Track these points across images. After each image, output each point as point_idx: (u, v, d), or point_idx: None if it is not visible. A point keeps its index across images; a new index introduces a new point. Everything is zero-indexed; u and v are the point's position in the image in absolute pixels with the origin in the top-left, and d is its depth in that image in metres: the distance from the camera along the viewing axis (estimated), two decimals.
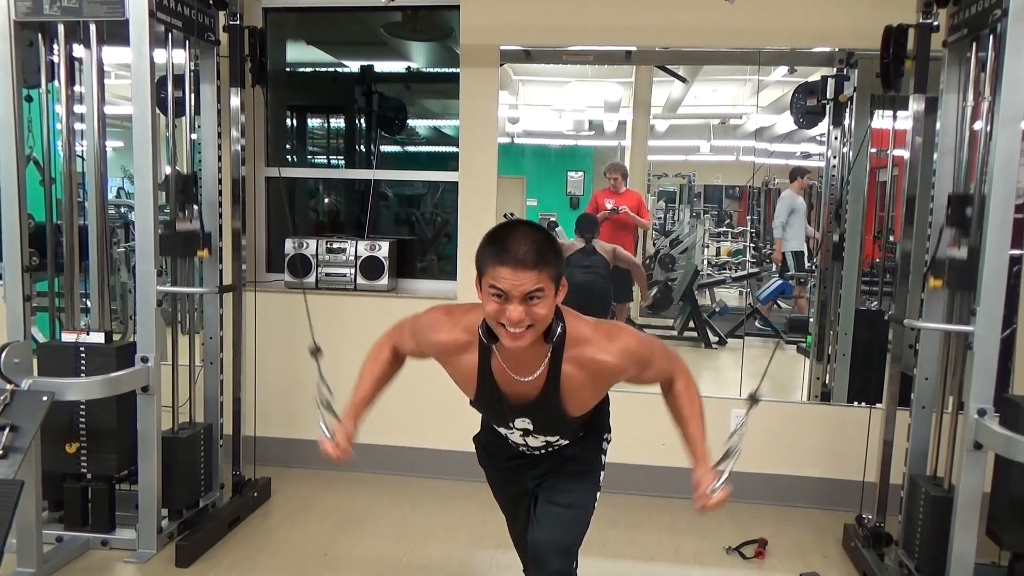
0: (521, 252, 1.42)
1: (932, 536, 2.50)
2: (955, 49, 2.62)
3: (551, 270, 1.45)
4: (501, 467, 1.96)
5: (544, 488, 1.85)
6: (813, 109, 3.53)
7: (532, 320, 1.46)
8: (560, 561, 1.75)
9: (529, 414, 1.69)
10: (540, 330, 1.50)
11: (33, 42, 2.80)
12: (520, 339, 1.47)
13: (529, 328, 1.47)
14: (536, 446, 1.83)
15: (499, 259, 1.44)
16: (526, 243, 1.44)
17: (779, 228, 4.05)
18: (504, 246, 1.44)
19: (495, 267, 1.44)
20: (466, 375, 1.67)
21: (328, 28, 4.11)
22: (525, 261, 1.42)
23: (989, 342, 2.24)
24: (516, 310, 1.44)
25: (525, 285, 1.43)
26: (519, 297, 1.43)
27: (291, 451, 3.69)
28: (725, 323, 4.32)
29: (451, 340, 1.65)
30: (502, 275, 1.43)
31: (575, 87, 3.99)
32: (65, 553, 2.71)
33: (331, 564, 2.80)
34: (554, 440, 1.80)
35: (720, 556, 2.94)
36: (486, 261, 1.47)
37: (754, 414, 3.50)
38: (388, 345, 1.86)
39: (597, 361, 1.57)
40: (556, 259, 1.47)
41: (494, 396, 1.67)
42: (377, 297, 3.67)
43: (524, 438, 1.80)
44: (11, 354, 2.38)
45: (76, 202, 2.88)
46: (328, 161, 4.60)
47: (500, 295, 1.45)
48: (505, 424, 1.77)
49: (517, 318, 1.44)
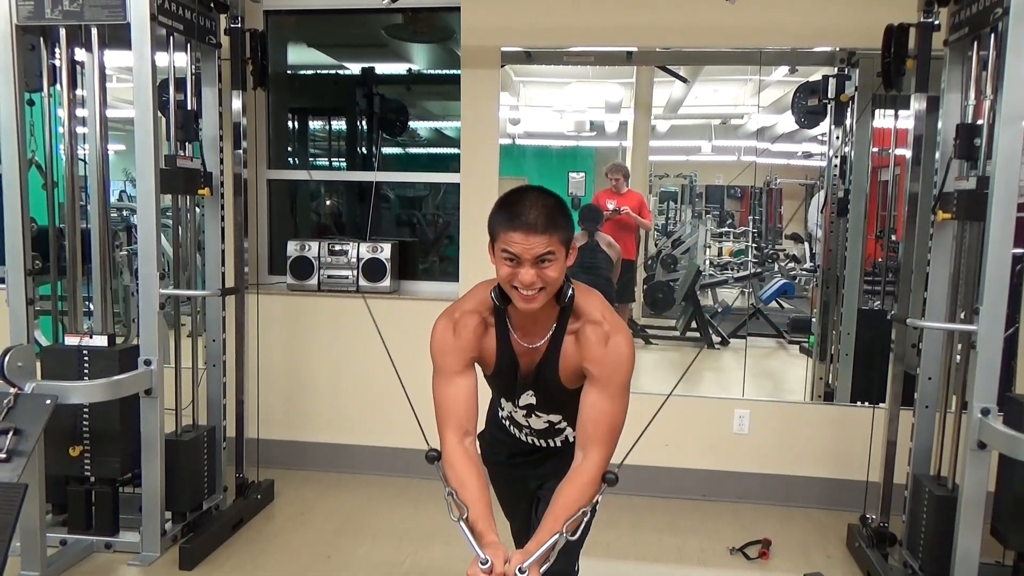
0: (532, 217, 1.47)
1: (936, 536, 2.50)
2: (956, 48, 2.62)
3: (561, 234, 1.50)
4: (504, 464, 1.96)
5: (546, 490, 1.85)
6: (814, 109, 3.53)
7: (544, 282, 1.51)
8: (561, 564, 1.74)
9: (533, 385, 1.72)
10: (551, 292, 1.55)
11: (35, 46, 2.81)
12: (532, 301, 1.53)
13: (541, 291, 1.52)
14: (539, 429, 1.83)
15: (511, 224, 1.48)
16: (537, 208, 1.48)
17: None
18: (515, 211, 1.49)
19: (507, 232, 1.49)
20: (489, 353, 1.70)
21: (329, 30, 4.11)
22: (536, 226, 1.47)
23: (992, 341, 2.24)
24: (528, 273, 1.49)
25: (536, 248, 1.47)
26: (531, 260, 1.48)
27: (294, 453, 3.70)
28: (727, 323, 4.32)
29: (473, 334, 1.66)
30: (514, 239, 1.48)
31: (576, 88, 3.99)
32: (69, 556, 2.71)
33: (334, 566, 2.80)
34: (556, 421, 1.80)
35: (724, 556, 2.93)
36: (498, 226, 1.51)
37: (755, 414, 3.52)
38: (449, 438, 1.63)
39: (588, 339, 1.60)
40: (566, 223, 1.52)
41: (511, 363, 1.70)
42: (380, 298, 3.67)
43: (527, 419, 1.80)
44: (14, 358, 2.39)
45: (78, 205, 2.89)
46: (330, 163, 4.61)
47: (512, 259, 1.50)
48: (514, 399, 1.79)
49: (529, 280, 1.49)
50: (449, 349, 1.66)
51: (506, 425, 1.89)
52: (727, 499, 3.45)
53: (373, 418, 3.67)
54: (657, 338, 4.36)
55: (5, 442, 2.26)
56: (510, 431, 1.89)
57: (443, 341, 1.66)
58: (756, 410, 3.46)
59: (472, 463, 1.61)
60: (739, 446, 3.45)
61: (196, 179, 2.95)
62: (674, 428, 3.48)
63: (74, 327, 2.90)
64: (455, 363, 1.65)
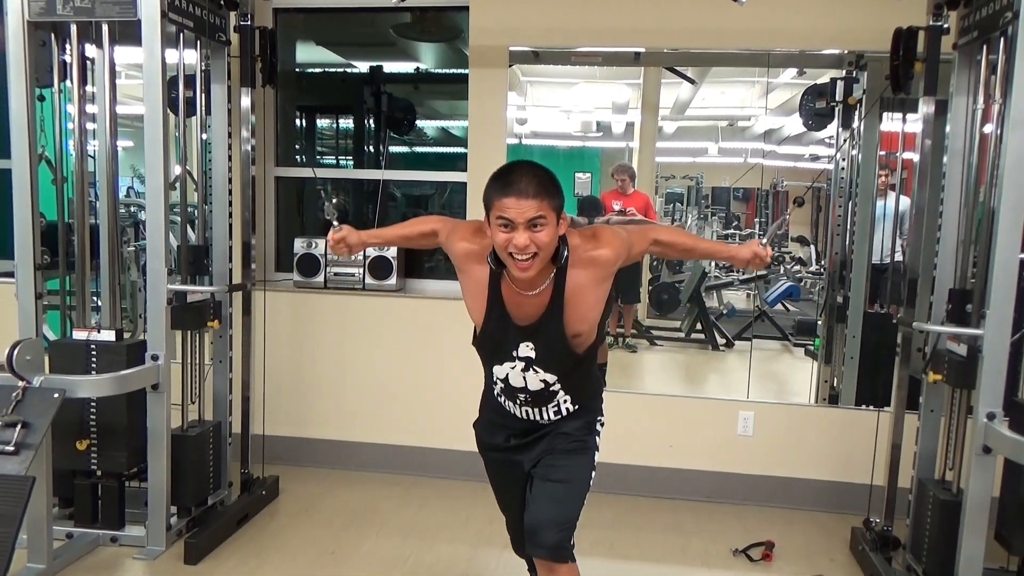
0: (523, 184, 1.60)
1: (940, 540, 2.49)
2: (965, 52, 2.61)
3: (552, 200, 1.62)
4: (499, 448, 1.98)
5: (539, 467, 1.89)
6: (822, 111, 3.53)
7: (537, 246, 1.61)
8: (556, 533, 1.76)
9: (532, 336, 1.77)
10: (545, 258, 1.65)
11: (46, 42, 2.82)
12: (527, 268, 1.64)
13: (535, 256, 1.62)
14: (534, 391, 1.84)
15: (504, 191, 1.61)
16: (527, 176, 1.62)
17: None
18: (508, 179, 1.62)
19: (500, 199, 1.61)
20: (477, 288, 1.78)
21: (337, 29, 4.12)
22: (527, 191, 1.59)
23: (998, 346, 2.23)
24: (522, 236, 1.60)
25: (528, 212, 1.59)
26: (524, 224, 1.60)
27: (299, 450, 3.71)
28: (732, 325, 4.32)
29: (471, 250, 1.78)
30: (507, 205, 1.60)
31: (583, 88, 4.00)
32: (75, 549, 2.73)
33: (338, 562, 2.81)
34: (551, 381, 1.82)
35: (727, 558, 2.94)
36: (492, 195, 1.64)
37: (760, 416, 3.51)
38: (433, 224, 1.95)
39: (594, 257, 1.73)
40: (556, 191, 1.64)
41: (501, 317, 1.77)
42: (385, 297, 3.68)
43: (524, 374, 1.82)
44: (23, 351, 2.40)
45: (87, 201, 2.90)
46: (337, 161, 4.62)
47: (506, 224, 1.61)
48: (508, 356, 1.81)
49: (523, 243, 1.60)
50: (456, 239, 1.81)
51: (502, 401, 1.92)
52: (731, 501, 3.45)
53: (378, 415, 3.68)
54: (662, 339, 4.36)
55: (13, 435, 2.27)
56: (505, 407, 1.91)
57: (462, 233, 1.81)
58: (761, 412, 3.46)
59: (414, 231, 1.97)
60: (743, 448, 3.45)
61: (205, 312, 2.99)
62: (679, 430, 3.48)
63: (82, 322, 2.92)
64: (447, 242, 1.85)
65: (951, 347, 2.55)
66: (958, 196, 2.63)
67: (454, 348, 3.16)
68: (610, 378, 3.87)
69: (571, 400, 1.87)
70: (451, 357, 3.50)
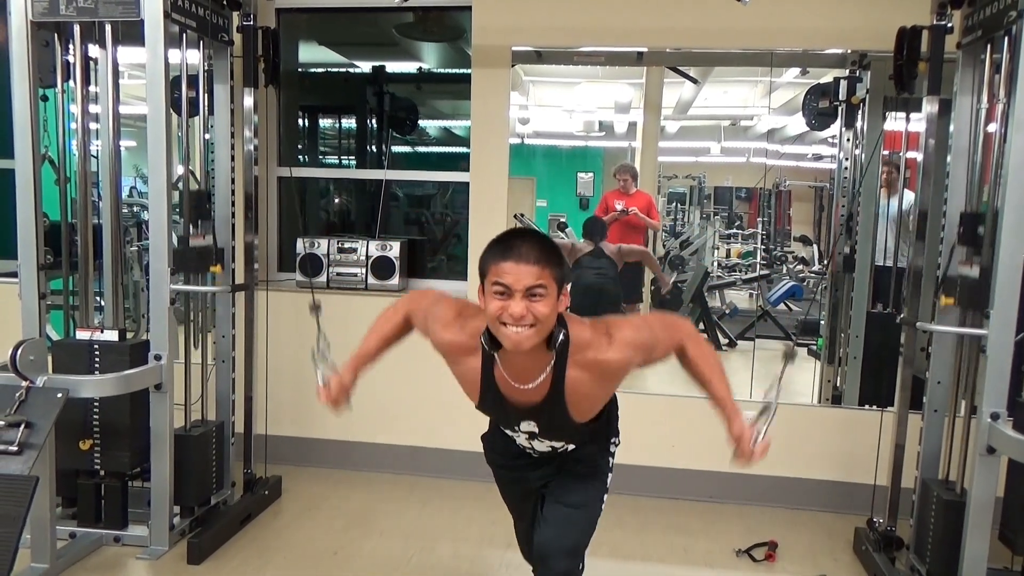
0: (524, 249, 1.48)
1: (944, 541, 2.49)
2: (969, 51, 2.60)
3: (553, 270, 1.49)
4: (508, 465, 1.96)
5: (551, 488, 1.86)
6: (825, 111, 3.52)
7: (534, 318, 1.47)
8: (566, 562, 1.75)
9: (534, 417, 1.70)
10: (542, 332, 1.51)
11: (49, 42, 2.83)
12: (522, 339, 1.48)
13: (532, 328, 1.48)
14: (542, 450, 1.83)
15: (503, 256, 1.48)
16: (529, 242, 1.49)
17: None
18: (508, 244, 1.50)
19: (498, 263, 1.48)
20: (470, 379, 1.68)
21: (340, 29, 4.12)
22: (528, 257, 1.47)
23: (1003, 345, 2.23)
24: (518, 305, 1.46)
25: (527, 279, 1.46)
26: (521, 292, 1.46)
27: (302, 450, 3.71)
28: (735, 325, 4.31)
29: (455, 342, 1.66)
30: (505, 270, 1.47)
31: (586, 88, 4.00)
32: (78, 549, 2.73)
33: (341, 563, 2.81)
34: (560, 446, 1.81)
35: (730, 558, 2.93)
36: (490, 261, 1.51)
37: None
38: (403, 311, 1.86)
39: (602, 361, 1.58)
40: (558, 261, 1.51)
41: (497, 401, 1.68)
42: (388, 296, 3.68)
43: (530, 441, 1.80)
44: (26, 351, 2.40)
45: (90, 201, 2.91)
46: (339, 161, 4.62)
47: (503, 291, 1.47)
48: (511, 427, 1.79)
49: (519, 313, 1.46)
50: (435, 331, 1.69)
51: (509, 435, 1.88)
52: (734, 501, 3.44)
53: (381, 416, 3.67)
54: None
55: (16, 435, 2.28)
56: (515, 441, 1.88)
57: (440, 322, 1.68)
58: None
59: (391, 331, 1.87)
60: None
61: (208, 256, 2.99)
62: (681, 429, 3.48)
63: (85, 321, 2.92)
64: (426, 333, 1.73)
65: (963, 271, 2.52)
66: (962, 196, 2.63)
67: None
68: None
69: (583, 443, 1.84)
70: None
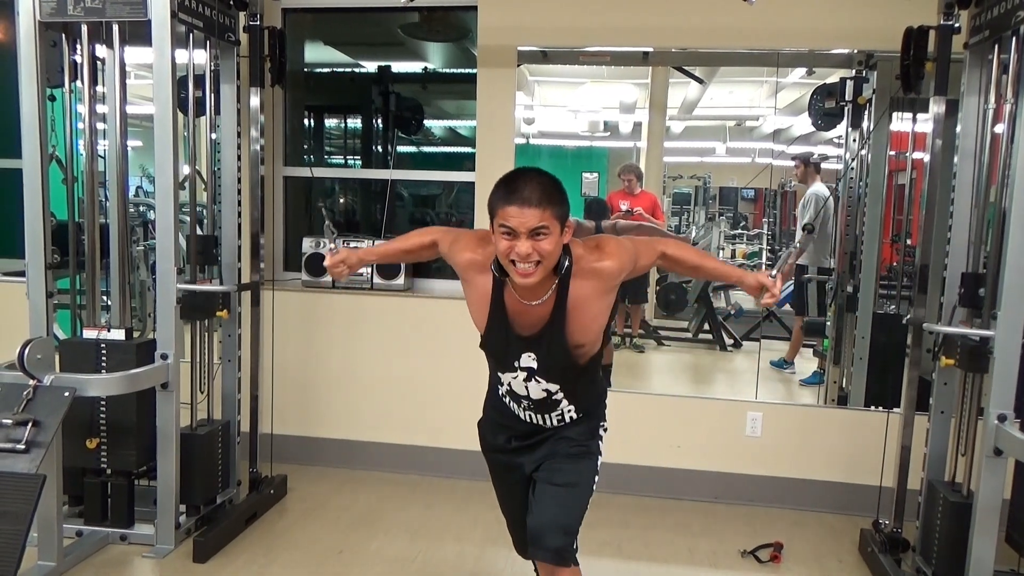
0: (527, 192, 1.58)
1: (950, 542, 2.48)
2: (976, 51, 2.60)
3: (555, 209, 1.60)
4: (503, 450, 1.98)
5: (542, 471, 1.89)
6: (831, 111, 3.51)
7: (539, 255, 1.60)
8: (559, 539, 1.76)
9: (534, 347, 1.76)
10: (547, 267, 1.63)
11: (57, 42, 2.84)
12: (529, 276, 1.62)
13: (538, 264, 1.61)
14: (537, 399, 1.84)
15: (507, 199, 1.59)
16: (531, 184, 1.60)
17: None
18: (512, 187, 1.61)
19: (504, 207, 1.60)
20: (480, 297, 1.78)
21: (346, 29, 4.13)
22: (530, 200, 1.58)
23: (1010, 346, 2.22)
24: (524, 245, 1.58)
25: (531, 222, 1.57)
26: (526, 233, 1.58)
27: (307, 449, 3.72)
28: (740, 326, 4.31)
29: (474, 259, 1.79)
30: (510, 213, 1.58)
31: (591, 88, 4.00)
32: (85, 547, 2.74)
33: (346, 562, 2.81)
34: (554, 391, 1.82)
35: (735, 559, 2.93)
36: (496, 203, 1.62)
37: (768, 417, 3.50)
38: (434, 236, 1.96)
39: (597, 268, 1.71)
40: (560, 199, 1.62)
41: (503, 325, 1.76)
42: (394, 296, 3.68)
43: (527, 384, 1.82)
44: (34, 350, 2.42)
45: (97, 201, 2.92)
46: (345, 161, 4.63)
47: (509, 232, 1.60)
48: (511, 365, 1.82)
49: (525, 252, 1.59)
50: (459, 249, 1.82)
51: (506, 402, 1.92)
52: (739, 502, 3.44)
53: (386, 415, 3.68)
54: (669, 339, 4.35)
55: (24, 433, 2.29)
56: (509, 407, 1.92)
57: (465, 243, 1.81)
58: (769, 413, 3.45)
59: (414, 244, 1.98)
60: (751, 449, 3.44)
61: (214, 302, 3.00)
62: (686, 430, 3.47)
63: (92, 320, 2.93)
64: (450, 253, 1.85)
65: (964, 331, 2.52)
66: (969, 196, 2.62)
67: (462, 348, 3.17)
68: (617, 378, 3.87)
69: (575, 408, 1.88)
70: (459, 357, 3.50)
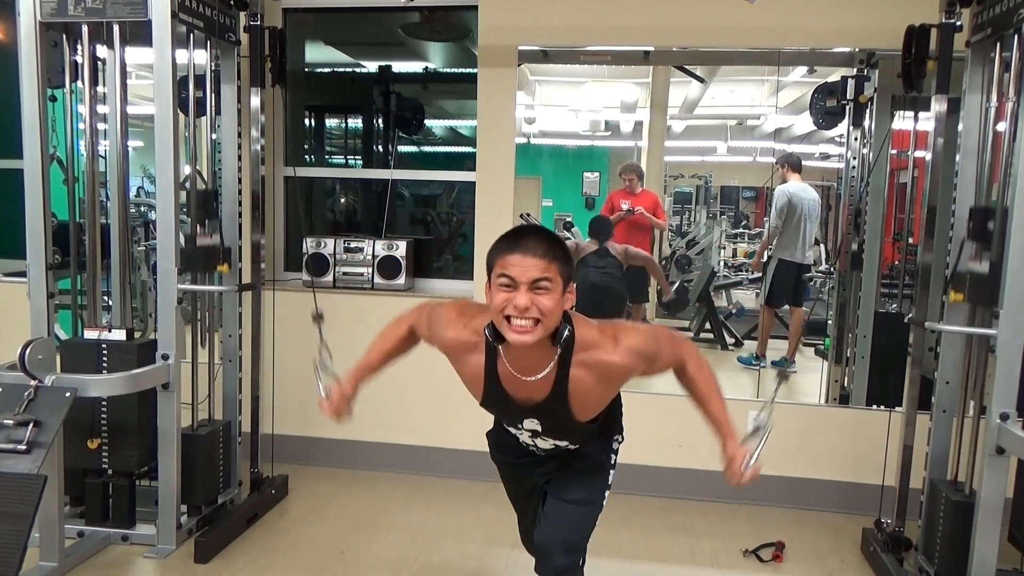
0: (531, 243, 1.49)
1: (952, 541, 2.48)
2: (978, 49, 2.59)
3: (559, 265, 1.50)
4: (512, 463, 1.98)
5: (553, 485, 1.87)
6: (833, 110, 3.51)
7: (539, 311, 1.47)
8: (566, 558, 1.75)
9: (537, 415, 1.70)
10: (547, 326, 1.51)
11: (58, 43, 2.84)
12: (525, 333, 1.48)
13: (536, 324, 1.48)
14: (545, 448, 1.83)
15: (510, 249, 1.50)
16: (537, 236, 1.52)
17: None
18: (515, 238, 1.52)
19: (505, 256, 1.50)
20: (473, 376, 1.69)
21: (346, 28, 4.13)
22: (535, 250, 1.48)
23: (1012, 345, 2.22)
24: (523, 297, 1.46)
25: (533, 271, 1.47)
26: (527, 283, 1.47)
27: (308, 449, 3.72)
28: (741, 325, 4.31)
29: (458, 339, 1.68)
30: (511, 261, 1.48)
31: (592, 87, 4.00)
32: (86, 548, 2.74)
33: (347, 562, 2.81)
34: (563, 444, 1.81)
35: (737, 559, 2.92)
36: (497, 254, 1.53)
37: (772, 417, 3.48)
38: (407, 323, 1.88)
39: (606, 363, 1.58)
40: (565, 257, 1.52)
41: (500, 398, 1.68)
42: (394, 296, 3.68)
43: (533, 439, 1.80)
44: (35, 351, 2.41)
45: (98, 201, 2.92)
46: (346, 161, 4.63)
47: (508, 283, 1.48)
48: (514, 424, 1.79)
49: (524, 304, 1.46)
50: (438, 332, 1.71)
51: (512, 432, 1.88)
52: (741, 501, 3.44)
53: (387, 415, 3.68)
54: None
55: (25, 434, 2.29)
56: (519, 439, 1.89)
57: (442, 323, 1.71)
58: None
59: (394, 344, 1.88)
60: None
61: (215, 256, 2.99)
62: (688, 429, 3.46)
63: (93, 321, 2.93)
64: (431, 337, 1.76)
65: (972, 267, 2.50)
66: (971, 194, 2.61)
67: None
68: None
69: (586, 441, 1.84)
70: None
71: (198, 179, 3.04)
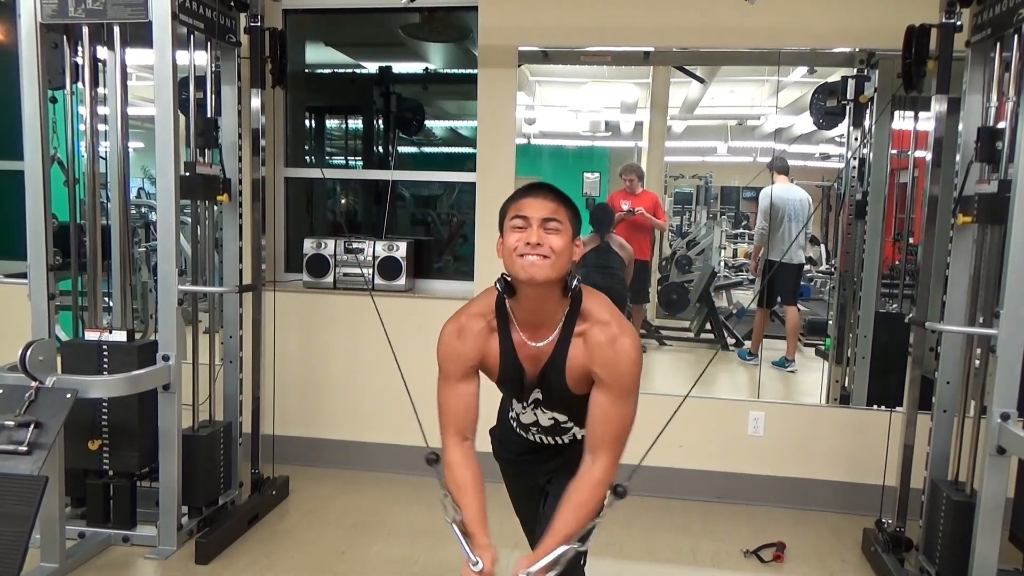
0: (543, 189, 1.61)
1: (953, 541, 2.48)
2: (978, 49, 2.59)
3: (568, 212, 1.60)
4: (514, 460, 1.98)
5: (554, 484, 1.86)
6: (833, 110, 3.51)
7: (550, 249, 1.55)
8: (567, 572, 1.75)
9: (540, 384, 1.73)
10: (557, 267, 1.56)
11: (58, 44, 2.84)
12: (536, 268, 1.54)
13: (546, 259, 1.55)
14: (545, 426, 1.84)
15: (523, 194, 1.61)
16: (547, 187, 1.62)
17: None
18: (528, 187, 1.63)
19: (519, 200, 1.60)
20: (492, 356, 1.72)
21: (347, 29, 4.13)
22: (546, 194, 1.59)
23: (1013, 345, 2.22)
24: (535, 233, 1.55)
25: (544, 211, 1.57)
26: (538, 221, 1.56)
27: (309, 450, 3.72)
28: (742, 325, 4.31)
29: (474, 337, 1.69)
30: (524, 203, 1.58)
31: (592, 88, 3.99)
32: (87, 549, 2.74)
33: (348, 563, 2.81)
34: (562, 420, 1.81)
35: (738, 559, 2.92)
36: (511, 202, 1.62)
37: (771, 416, 3.50)
38: (448, 443, 1.75)
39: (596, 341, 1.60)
40: (573, 209, 1.62)
41: (514, 368, 1.71)
42: (395, 297, 3.68)
43: (535, 411, 1.81)
44: (36, 352, 2.42)
45: (99, 202, 2.92)
46: (346, 162, 4.63)
47: (521, 224, 1.57)
48: (523, 399, 1.80)
49: (536, 239, 1.54)
50: (453, 355, 1.70)
51: (514, 426, 1.91)
52: (741, 501, 3.44)
53: (388, 416, 3.68)
54: (671, 339, 4.35)
55: (26, 435, 2.29)
56: (519, 432, 1.91)
57: (449, 346, 1.71)
58: (771, 412, 3.44)
59: (470, 467, 1.70)
60: (754, 448, 3.44)
61: (215, 185, 2.98)
62: (688, 430, 3.47)
63: (94, 322, 2.93)
64: (458, 370, 1.70)
65: (980, 189, 2.48)
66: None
67: None
68: None
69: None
70: None
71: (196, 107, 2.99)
